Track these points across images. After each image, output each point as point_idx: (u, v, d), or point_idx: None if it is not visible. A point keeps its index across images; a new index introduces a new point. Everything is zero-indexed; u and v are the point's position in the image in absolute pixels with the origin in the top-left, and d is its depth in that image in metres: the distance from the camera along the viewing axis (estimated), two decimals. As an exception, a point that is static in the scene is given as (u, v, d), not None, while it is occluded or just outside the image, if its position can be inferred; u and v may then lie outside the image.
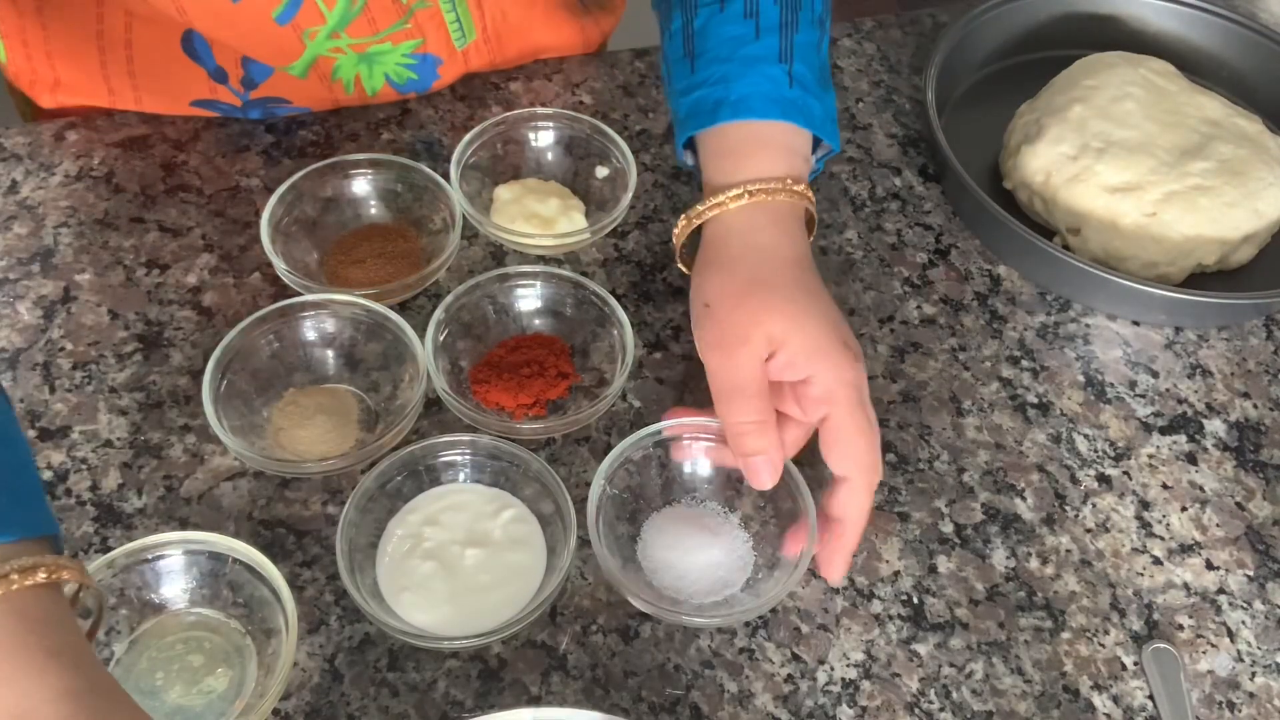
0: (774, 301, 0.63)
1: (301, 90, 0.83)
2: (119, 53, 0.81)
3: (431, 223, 0.78)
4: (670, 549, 0.65)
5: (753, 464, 0.63)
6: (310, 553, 0.65)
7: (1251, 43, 0.95)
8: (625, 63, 0.93)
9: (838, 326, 0.64)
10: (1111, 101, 0.84)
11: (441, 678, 0.61)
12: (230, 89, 0.82)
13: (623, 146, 0.81)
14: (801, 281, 0.64)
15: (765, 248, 0.65)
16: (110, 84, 0.82)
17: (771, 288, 0.64)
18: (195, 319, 0.74)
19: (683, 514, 0.67)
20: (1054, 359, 0.78)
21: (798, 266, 0.65)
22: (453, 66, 0.86)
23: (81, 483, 0.66)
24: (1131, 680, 0.64)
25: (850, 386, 0.62)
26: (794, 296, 0.63)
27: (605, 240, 0.80)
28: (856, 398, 0.62)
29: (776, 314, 0.62)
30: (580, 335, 0.74)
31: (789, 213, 0.67)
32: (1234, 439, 0.76)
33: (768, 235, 0.66)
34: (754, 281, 0.64)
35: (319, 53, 0.80)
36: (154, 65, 0.81)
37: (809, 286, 0.65)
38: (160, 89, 0.83)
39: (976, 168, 0.88)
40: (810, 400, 0.63)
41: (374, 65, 0.83)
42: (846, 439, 0.62)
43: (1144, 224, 0.80)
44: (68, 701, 0.38)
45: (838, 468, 0.63)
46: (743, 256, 0.65)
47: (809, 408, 0.63)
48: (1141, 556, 0.69)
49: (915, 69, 0.96)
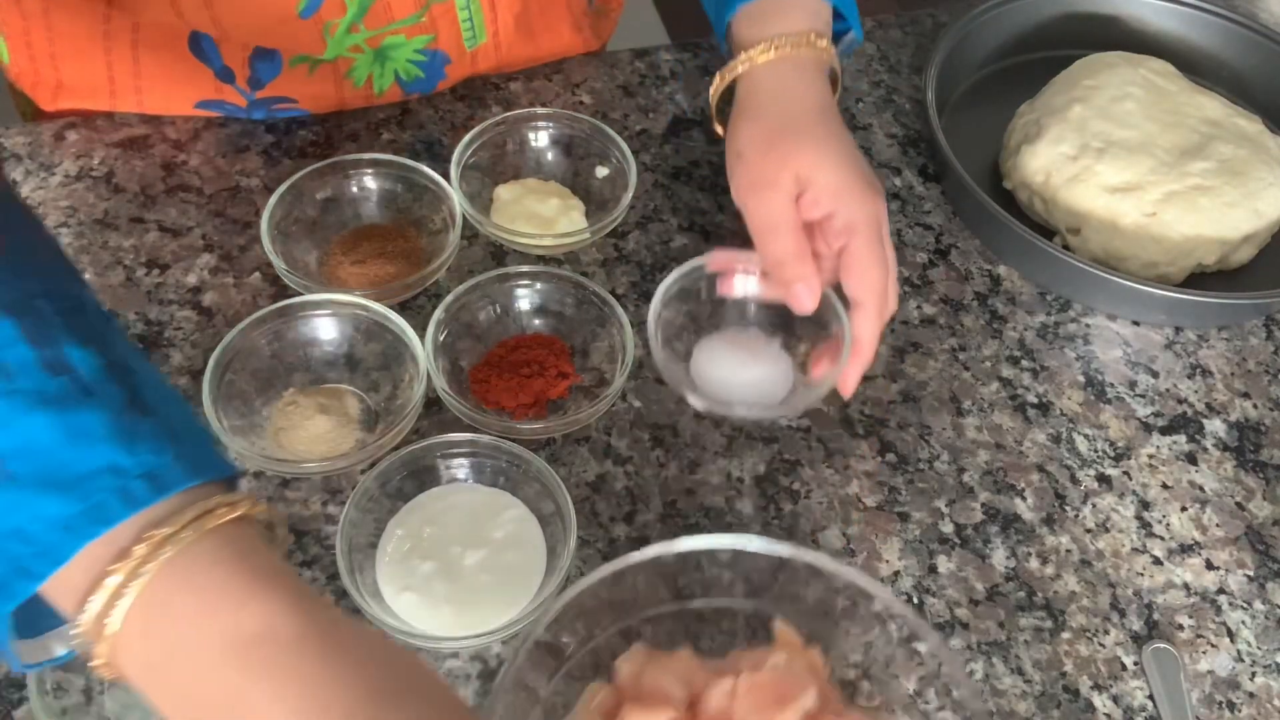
0: (800, 145, 0.68)
1: (308, 89, 0.83)
2: (124, 53, 0.81)
3: (431, 223, 0.78)
4: (719, 366, 0.72)
5: (794, 291, 0.67)
6: (310, 553, 0.64)
7: (1251, 43, 0.95)
8: (625, 63, 0.93)
9: (859, 165, 0.69)
10: (1111, 101, 0.84)
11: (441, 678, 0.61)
12: (237, 89, 0.82)
13: (623, 146, 0.81)
14: (826, 126, 0.70)
15: (791, 97, 0.71)
16: (114, 85, 0.82)
17: (797, 133, 0.69)
18: (195, 319, 0.74)
19: (731, 337, 0.74)
20: (1054, 359, 0.78)
21: (822, 113, 0.70)
22: (460, 68, 0.86)
23: (81, 483, 0.66)
24: (1131, 680, 0.64)
25: (870, 219, 0.67)
26: (819, 140, 0.69)
27: (605, 240, 0.80)
28: (875, 230, 0.67)
29: (803, 156, 0.67)
30: (580, 335, 0.74)
31: (813, 65, 0.72)
32: (1234, 439, 0.76)
33: (793, 86, 0.71)
34: (781, 128, 0.69)
35: (338, 53, 0.80)
36: (160, 66, 0.81)
37: (832, 130, 0.70)
38: (165, 91, 0.83)
39: (976, 168, 0.88)
40: (833, 233, 0.68)
41: (386, 62, 0.83)
42: (863, 267, 0.67)
43: (1144, 224, 0.80)
44: (299, 614, 0.39)
45: (853, 293, 0.68)
46: (771, 106, 0.70)
47: (832, 240, 0.68)
48: (1141, 556, 0.69)
49: (915, 69, 0.96)
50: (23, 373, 0.39)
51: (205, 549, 0.39)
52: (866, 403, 0.74)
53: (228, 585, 0.39)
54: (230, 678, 0.38)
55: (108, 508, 0.38)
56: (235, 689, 0.38)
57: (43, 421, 0.39)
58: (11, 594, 0.39)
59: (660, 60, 0.93)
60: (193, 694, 0.39)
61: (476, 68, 0.88)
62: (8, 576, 0.39)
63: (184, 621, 0.39)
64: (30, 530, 0.38)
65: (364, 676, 0.39)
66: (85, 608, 0.39)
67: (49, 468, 0.38)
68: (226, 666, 0.38)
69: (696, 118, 0.89)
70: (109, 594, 0.39)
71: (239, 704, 0.38)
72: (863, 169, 0.69)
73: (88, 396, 0.39)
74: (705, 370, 0.72)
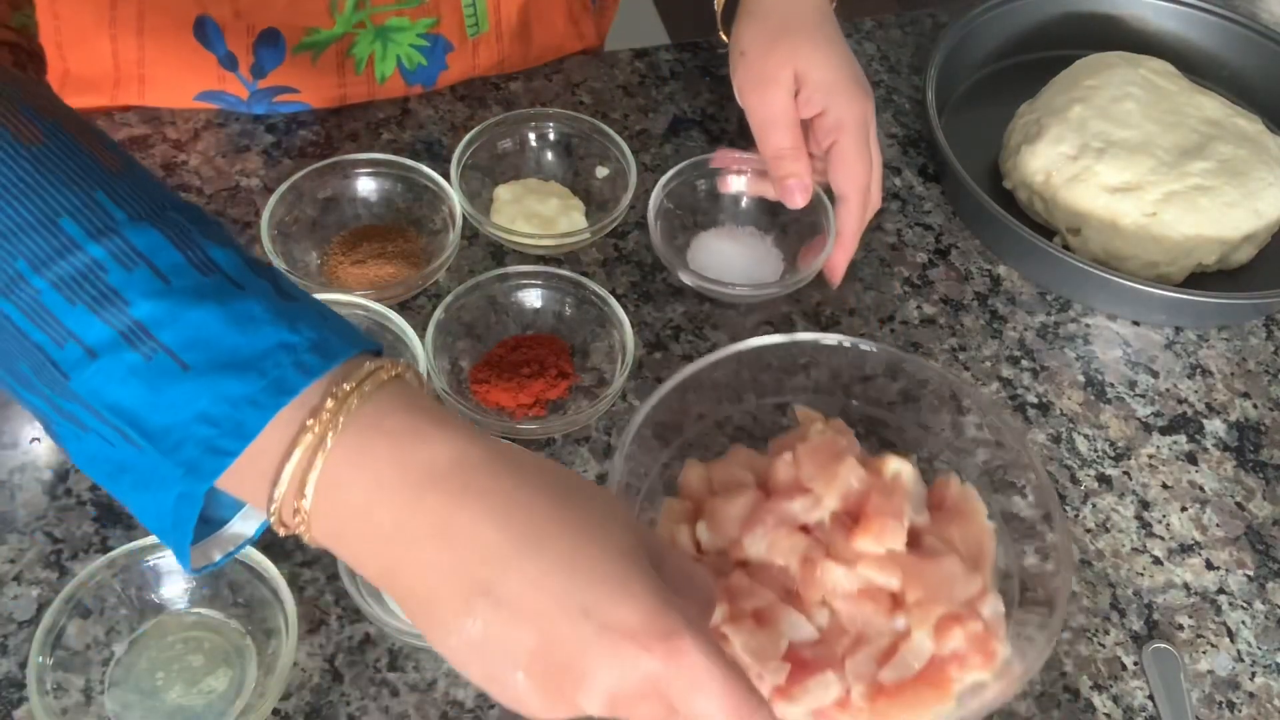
0: (799, 44, 0.74)
1: (310, 78, 0.83)
2: (129, 41, 0.81)
3: (431, 223, 0.78)
4: (713, 255, 0.79)
5: (787, 185, 0.75)
6: (310, 553, 0.64)
7: (1251, 43, 0.95)
8: (625, 63, 0.93)
9: (853, 67, 0.75)
10: (1111, 101, 0.84)
11: (441, 678, 0.61)
12: (239, 77, 0.82)
13: (623, 146, 0.81)
14: (823, 28, 0.76)
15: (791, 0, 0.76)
16: (119, 74, 0.82)
17: (797, 33, 0.75)
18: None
19: (726, 232, 0.81)
20: (1054, 359, 0.78)
21: (821, 16, 0.76)
22: (461, 57, 0.86)
23: (82, 483, 0.66)
24: (1131, 680, 0.64)
25: (858, 118, 0.74)
26: (816, 40, 0.74)
27: (605, 240, 0.80)
28: (862, 128, 0.74)
29: (800, 55, 0.73)
30: (580, 335, 0.74)
31: None
32: (1234, 439, 0.76)
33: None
34: (782, 29, 0.75)
35: (345, 29, 0.81)
36: (164, 53, 0.81)
37: (829, 34, 0.76)
38: (167, 79, 0.83)
39: (976, 168, 0.88)
40: (822, 130, 0.74)
41: (389, 44, 0.83)
42: (848, 163, 0.74)
43: (1144, 224, 0.80)
44: (482, 442, 0.43)
45: (839, 188, 0.75)
46: (773, 8, 0.76)
47: (822, 138, 0.74)
48: (1141, 556, 0.69)
49: (915, 69, 0.96)
50: (176, 274, 0.41)
51: (384, 399, 0.42)
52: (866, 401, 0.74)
53: (413, 425, 0.42)
54: (435, 505, 0.41)
55: (287, 380, 0.41)
56: (442, 515, 0.41)
57: (207, 313, 0.41)
58: (204, 474, 0.41)
59: (660, 60, 0.93)
60: (397, 532, 0.41)
61: (477, 60, 0.88)
62: (198, 458, 0.41)
63: (381, 462, 0.41)
64: (215, 412, 0.41)
65: (551, 485, 0.43)
66: (281, 476, 0.41)
67: (222, 353, 0.41)
68: (430, 496, 0.41)
69: (696, 118, 0.89)
70: (307, 450, 0.41)
71: (448, 528, 0.41)
72: (855, 71, 0.75)
73: (240, 289, 0.42)
74: (700, 258, 0.79)
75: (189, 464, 0.41)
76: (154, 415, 0.41)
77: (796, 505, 0.61)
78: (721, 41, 0.80)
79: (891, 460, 0.63)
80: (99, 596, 0.59)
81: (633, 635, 0.40)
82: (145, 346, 0.41)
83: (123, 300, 0.41)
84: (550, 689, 0.41)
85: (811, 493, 0.62)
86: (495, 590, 0.41)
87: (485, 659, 0.42)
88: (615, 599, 0.41)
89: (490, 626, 0.41)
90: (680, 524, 0.63)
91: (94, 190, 0.42)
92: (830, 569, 0.59)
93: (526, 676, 0.41)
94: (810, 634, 0.58)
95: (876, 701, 0.57)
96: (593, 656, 0.41)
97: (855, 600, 0.59)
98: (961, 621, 0.58)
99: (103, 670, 0.59)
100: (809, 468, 0.63)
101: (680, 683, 0.41)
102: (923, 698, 0.57)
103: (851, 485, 0.62)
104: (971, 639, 0.58)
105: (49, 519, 0.64)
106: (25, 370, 0.42)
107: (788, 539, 0.60)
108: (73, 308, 0.41)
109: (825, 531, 0.61)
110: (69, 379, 0.41)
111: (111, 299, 0.41)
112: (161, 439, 0.41)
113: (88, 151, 0.44)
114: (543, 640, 0.41)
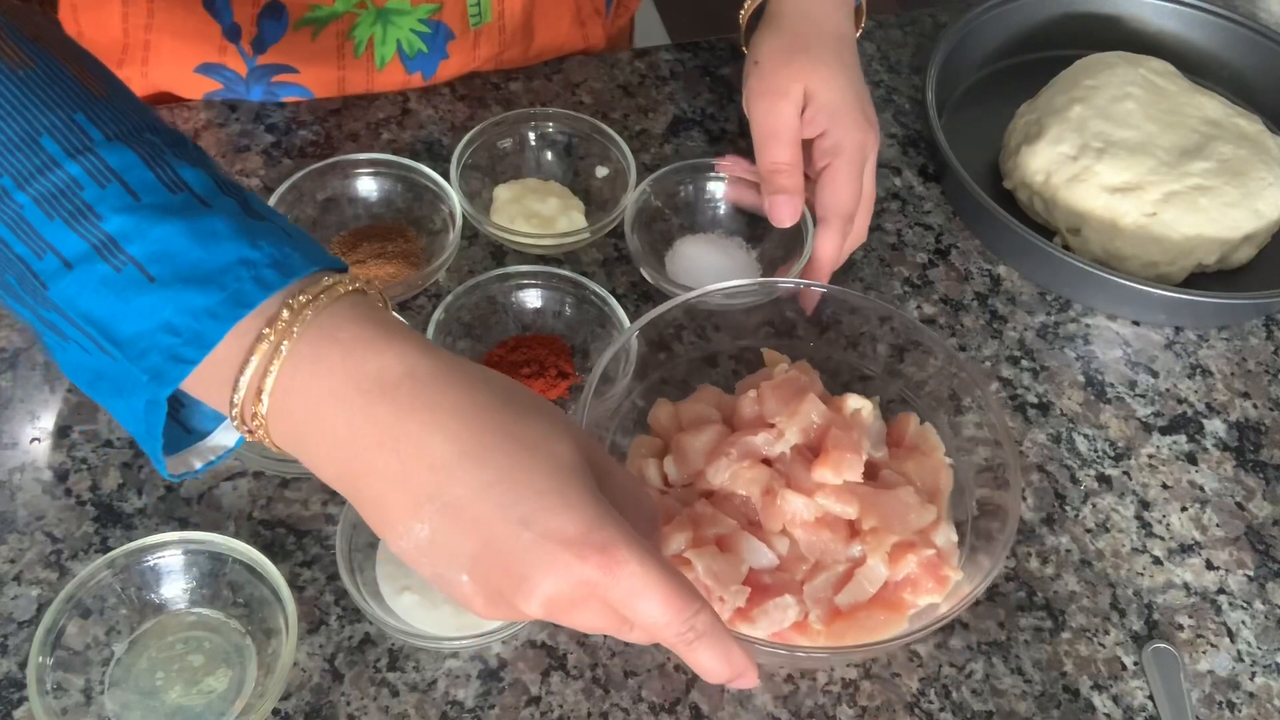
0: (813, 63, 0.74)
1: (309, 57, 0.83)
2: (141, 5, 0.81)
3: (431, 223, 0.78)
4: (691, 260, 0.78)
5: (777, 201, 0.73)
6: (310, 553, 0.65)
7: (1251, 43, 0.95)
8: (625, 63, 0.93)
9: (861, 97, 0.75)
10: (1111, 101, 0.84)
11: (441, 678, 0.61)
12: (240, 50, 0.82)
13: (623, 146, 0.81)
14: (839, 52, 0.75)
15: (815, 18, 0.76)
16: (127, 39, 0.83)
17: (813, 52, 0.74)
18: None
19: (710, 240, 0.80)
20: (1054, 359, 0.78)
21: (840, 40, 0.76)
22: (462, 47, 0.86)
23: (81, 483, 0.66)
24: (1131, 680, 0.64)
25: (856, 146, 0.73)
26: (829, 62, 0.74)
27: (605, 240, 0.80)
28: (858, 158, 0.73)
29: (813, 73, 0.73)
30: (580, 335, 0.74)
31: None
32: (1234, 439, 0.76)
33: (819, 7, 0.77)
34: (799, 46, 0.75)
35: (347, 8, 0.81)
36: (172, 18, 0.82)
37: (844, 59, 0.75)
38: (172, 49, 0.83)
39: (976, 168, 0.88)
40: (819, 151, 0.73)
41: (389, 27, 0.83)
42: (836, 187, 0.73)
43: (1144, 224, 0.80)
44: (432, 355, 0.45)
45: (821, 210, 0.74)
46: (794, 23, 0.76)
47: (817, 159, 0.74)
48: (1141, 556, 0.69)
49: (915, 69, 0.96)
50: (146, 191, 0.44)
51: (339, 311, 0.45)
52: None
53: (366, 336, 0.45)
54: (384, 415, 0.44)
55: (246, 293, 0.43)
56: (392, 425, 0.43)
57: (173, 229, 0.43)
58: (167, 380, 0.44)
59: (660, 60, 0.93)
60: (350, 440, 0.44)
61: (478, 52, 0.88)
62: (162, 365, 0.43)
63: (334, 371, 0.44)
64: (178, 322, 0.43)
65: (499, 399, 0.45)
66: (239, 382, 0.44)
67: (185, 267, 0.43)
68: (380, 406, 0.44)
69: (696, 117, 0.89)
70: (262, 358, 0.43)
71: (398, 438, 0.43)
72: (864, 100, 0.75)
73: (207, 206, 0.44)
74: (678, 265, 0.78)
75: (153, 370, 0.44)
76: (123, 324, 0.44)
77: (759, 439, 0.64)
78: (722, 41, 0.80)
79: (851, 398, 0.67)
80: (99, 596, 0.59)
81: (569, 544, 0.43)
82: (115, 259, 0.43)
83: (95, 215, 0.43)
84: (492, 592, 0.44)
85: (774, 427, 0.65)
86: (441, 497, 0.43)
87: (433, 560, 0.45)
88: (554, 510, 0.43)
89: (437, 532, 0.44)
90: (649, 458, 0.66)
91: (74, 112, 0.44)
92: (790, 499, 0.62)
93: (471, 579, 0.44)
94: (770, 560, 0.62)
95: (833, 624, 0.60)
96: (530, 563, 0.43)
97: (813, 528, 0.62)
98: (915, 548, 0.61)
99: (103, 670, 0.59)
100: (772, 403, 0.66)
101: (619, 590, 0.43)
102: (877, 620, 0.61)
103: (812, 420, 0.65)
104: (924, 565, 0.61)
105: (49, 519, 0.64)
106: (12, 281, 0.45)
107: (750, 470, 0.63)
108: (50, 221, 0.43)
109: (786, 464, 0.64)
110: (47, 289, 0.44)
111: (86, 214, 0.43)
112: (129, 347, 0.44)
113: (73, 76, 0.46)
114: (484, 546, 0.43)
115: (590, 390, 0.62)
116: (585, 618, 0.45)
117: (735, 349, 0.73)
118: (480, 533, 0.43)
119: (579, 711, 0.60)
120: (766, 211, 0.74)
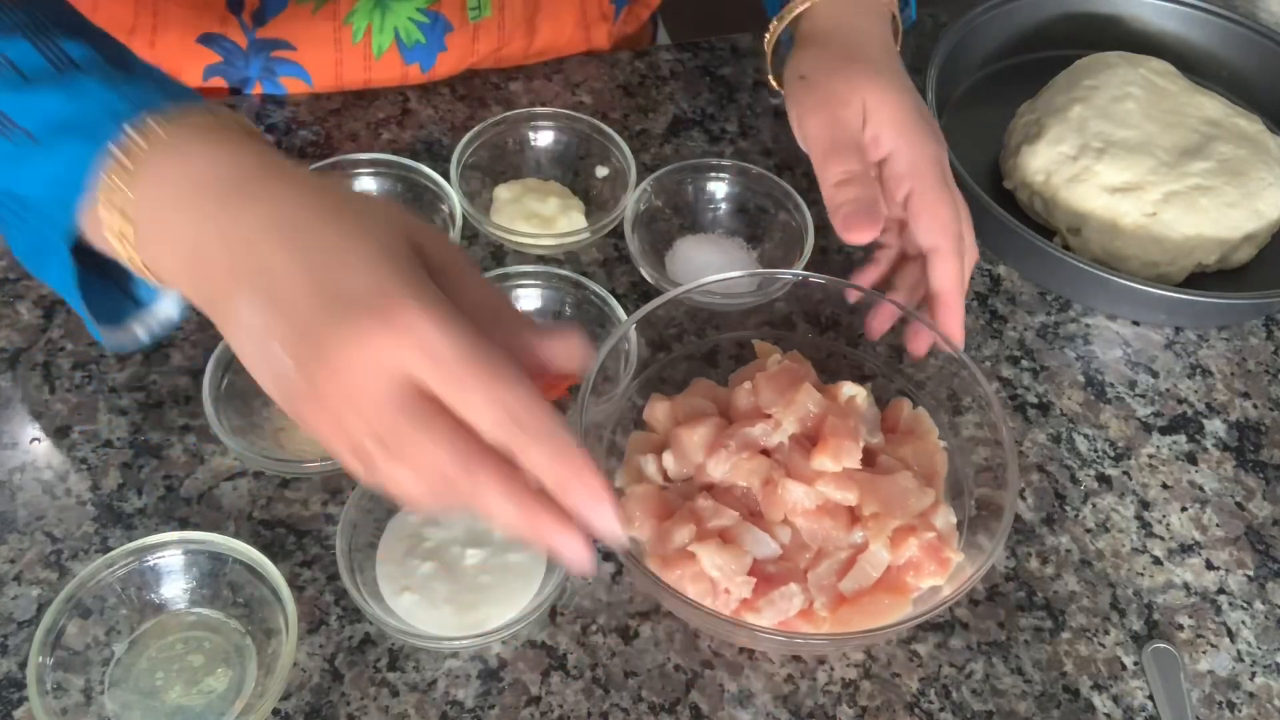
0: (868, 72, 0.67)
1: (308, 34, 0.83)
2: None
3: (431, 223, 0.78)
4: (694, 260, 0.78)
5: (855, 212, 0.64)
6: (310, 553, 0.65)
7: (1251, 43, 0.95)
8: (625, 63, 0.93)
9: (923, 108, 0.68)
10: (1111, 101, 0.84)
11: (441, 678, 0.61)
12: (241, 22, 0.82)
13: (623, 146, 0.81)
14: (890, 63, 0.70)
15: (857, 30, 0.71)
16: (137, 5, 0.82)
17: (865, 61, 0.69)
18: (196, 319, 0.74)
19: (711, 240, 0.80)
20: (1054, 359, 0.78)
21: (886, 49, 0.71)
22: (460, 40, 0.86)
23: (81, 483, 0.66)
24: (1131, 680, 0.64)
25: (932, 161, 0.66)
26: (884, 72, 0.68)
27: (605, 240, 0.80)
28: (940, 171, 0.66)
29: (870, 84, 0.67)
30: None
31: (873, 7, 0.73)
32: (1234, 439, 0.76)
33: (855, 22, 0.72)
34: (848, 56, 0.69)
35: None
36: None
37: (895, 68, 0.70)
38: (180, 15, 0.83)
39: (976, 168, 0.88)
40: (895, 177, 0.66)
41: (387, 15, 0.83)
42: (933, 209, 0.65)
43: (1144, 224, 0.80)
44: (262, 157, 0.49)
45: (925, 239, 0.66)
46: (836, 36, 0.71)
47: (895, 186, 0.67)
48: (1141, 556, 0.69)
49: (915, 69, 0.95)
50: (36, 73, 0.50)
51: (190, 131, 0.48)
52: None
53: (207, 147, 0.48)
54: (215, 212, 0.47)
55: (111, 133, 0.47)
56: (221, 220, 0.46)
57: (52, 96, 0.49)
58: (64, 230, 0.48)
59: (660, 60, 0.93)
60: (195, 245, 0.47)
61: (477, 46, 0.88)
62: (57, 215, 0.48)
63: (177, 180, 0.47)
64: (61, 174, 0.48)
65: (324, 194, 0.47)
66: (103, 211, 0.47)
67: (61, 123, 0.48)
68: (210, 204, 0.47)
69: (696, 117, 0.89)
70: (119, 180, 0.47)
71: (226, 232, 0.46)
72: (925, 111, 0.68)
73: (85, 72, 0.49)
74: (678, 265, 0.78)
75: (52, 222, 0.48)
76: (27, 188, 0.49)
77: (757, 430, 0.64)
78: (722, 41, 0.80)
79: (846, 385, 0.67)
80: (99, 596, 0.59)
81: (360, 301, 0.43)
82: (10, 133, 0.49)
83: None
84: (308, 380, 0.44)
85: (771, 417, 0.65)
86: (259, 281, 0.45)
87: (256, 347, 0.46)
88: (356, 274, 0.44)
89: (254, 315, 0.45)
90: (647, 454, 0.66)
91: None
92: (790, 488, 0.62)
93: (294, 364, 0.44)
94: (773, 550, 0.62)
95: (838, 610, 0.61)
96: (327, 329, 0.43)
97: (815, 516, 0.62)
98: (915, 532, 0.62)
99: (103, 670, 0.59)
100: (768, 394, 0.66)
101: (414, 354, 0.42)
102: (881, 604, 0.61)
103: (809, 409, 0.65)
104: (925, 548, 0.62)
105: (49, 519, 0.64)
106: None
107: (749, 462, 0.63)
108: None
109: (784, 453, 0.64)
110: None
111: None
112: (37, 208, 0.49)
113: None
114: (292, 321, 0.44)
115: (588, 388, 0.62)
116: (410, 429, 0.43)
117: (735, 349, 0.73)
118: (290, 306, 0.44)
119: (579, 711, 0.60)
120: (840, 230, 0.65)
